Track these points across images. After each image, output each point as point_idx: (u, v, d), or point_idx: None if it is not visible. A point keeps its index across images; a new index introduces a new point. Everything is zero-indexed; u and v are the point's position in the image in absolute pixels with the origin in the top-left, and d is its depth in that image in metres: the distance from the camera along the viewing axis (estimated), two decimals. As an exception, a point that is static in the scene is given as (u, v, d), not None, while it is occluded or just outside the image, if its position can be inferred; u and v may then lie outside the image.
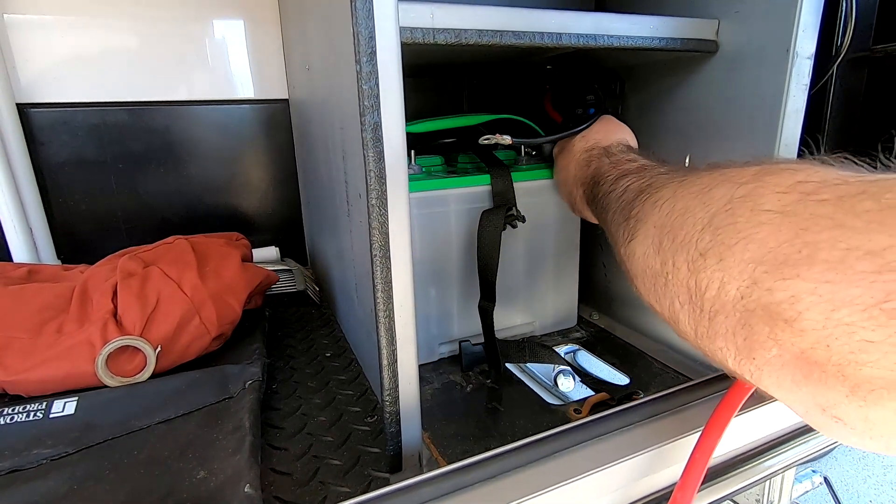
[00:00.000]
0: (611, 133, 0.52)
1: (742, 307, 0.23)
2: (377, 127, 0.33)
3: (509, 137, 0.53)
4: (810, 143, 0.57)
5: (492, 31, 0.40)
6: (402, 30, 0.34)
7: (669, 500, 0.36)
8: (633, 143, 0.53)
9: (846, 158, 0.23)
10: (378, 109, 0.33)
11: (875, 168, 0.23)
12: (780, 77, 0.45)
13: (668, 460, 0.40)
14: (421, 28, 0.38)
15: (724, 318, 0.24)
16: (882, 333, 0.18)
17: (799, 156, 0.49)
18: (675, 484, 0.41)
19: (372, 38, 0.32)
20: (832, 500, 0.86)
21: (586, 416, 0.48)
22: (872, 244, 0.19)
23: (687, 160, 0.52)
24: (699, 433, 0.39)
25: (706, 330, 0.25)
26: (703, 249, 0.25)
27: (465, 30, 0.39)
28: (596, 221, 0.52)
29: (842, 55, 0.54)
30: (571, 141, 0.55)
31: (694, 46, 0.50)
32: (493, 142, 0.53)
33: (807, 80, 0.46)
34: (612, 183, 0.42)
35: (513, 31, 0.41)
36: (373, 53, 0.32)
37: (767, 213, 0.22)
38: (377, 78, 0.32)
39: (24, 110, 0.70)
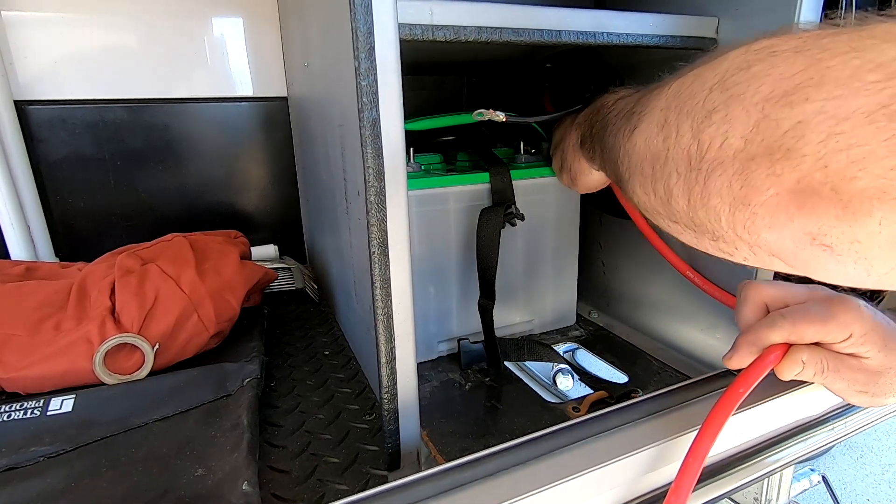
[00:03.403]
0: None
1: (744, 156, 0.23)
2: (376, 123, 0.33)
3: (502, 114, 0.52)
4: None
5: (491, 27, 0.40)
6: (401, 26, 0.34)
7: (665, 497, 0.36)
8: None
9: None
10: (377, 106, 0.33)
11: None
12: (780, 75, 0.45)
13: (666, 458, 0.40)
14: (420, 25, 0.37)
15: (720, 173, 0.25)
16: (880, 137, 0.18)
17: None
18: (673, 482, 0.41)
19: (370, 33, 0.32)
20: (830, 499, 0.87)
21: (585, 414, 0.48)
22: (883, 56, 0.19)
23: None
24: (697, 431, 0.39)
25: (700, 193, 0.26)
26: (711, 108, 0.25)
27: (465, 26, 0.39)
28: (588, 180, 0.51)
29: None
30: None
31: (693, 44, 0.50)
32: (486, 118, 0.52)
33: (806, 78, 0.46)
34: (612, 105, 0.41)
35: (512, 28, 0.41)
36: (371, 49, 0.32)
37: (784, 54, 0.23)
38: (375, 74, 0.32)
39: (21, 107, 0.70)
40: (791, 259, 0.24)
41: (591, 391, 0.54)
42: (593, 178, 0.51)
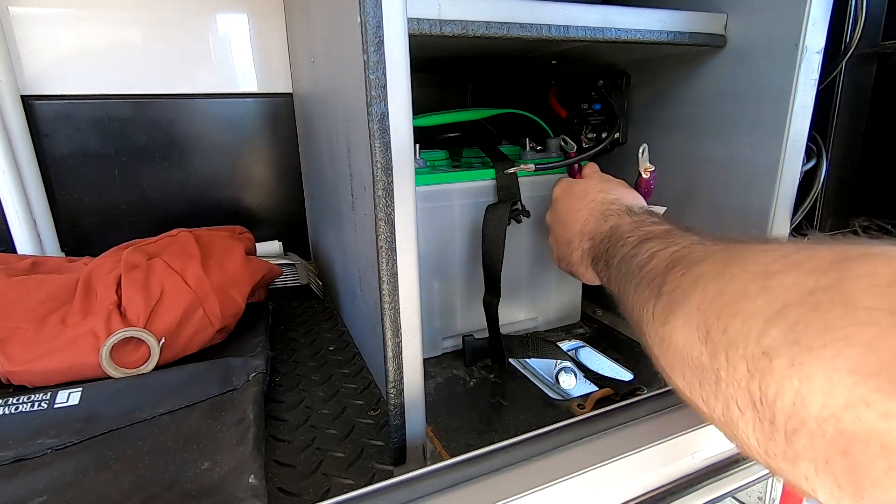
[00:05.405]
0: (633, 194, 0.48)
1: (837, 429, 0.18)
2: (384, 117, 0.33)
3: (532, 164, 0.56)
4: (818, 140, 0.56)
5: (499, 23, 0.40)
6: (409, 21, 0.34)
7: None
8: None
9: None
10: (385, 99, 0.33)
11: None
12: (789, 72, 0.45)
13: (671, 456, 0.40)
14: (428, 19, 0.37)
15: (808, 438, 0.19)
16: None
17: (806, 151, 0.49)
18: (677, 480, 0.41)
19: (380, 27, 0.31)
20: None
21: (590, 411, 0.48)
22: None
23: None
24: (702, 429, 0.39)
25: (782, 450, 0.21)
26: (768, 347, 0.21)
27: (473, 21, 0.39)
28: (593, 282, 0.47)
29: (851, 50, 0.54)
30: (584, 186, 0.49)
31: (702, 41, 0.50)
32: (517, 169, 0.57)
33: (816, 74, 0.45)
34: (634, 246, 0.37)
35: (520, 24, 0.41)
36: (380, 43, 0.32)
37: (867, 311, 0.18)
38: (384, 67, 0.32)
39: (28, 102, 0.70)
40: None
41: (595, 389, 0.54)
42: (597, 282, 0.47)
